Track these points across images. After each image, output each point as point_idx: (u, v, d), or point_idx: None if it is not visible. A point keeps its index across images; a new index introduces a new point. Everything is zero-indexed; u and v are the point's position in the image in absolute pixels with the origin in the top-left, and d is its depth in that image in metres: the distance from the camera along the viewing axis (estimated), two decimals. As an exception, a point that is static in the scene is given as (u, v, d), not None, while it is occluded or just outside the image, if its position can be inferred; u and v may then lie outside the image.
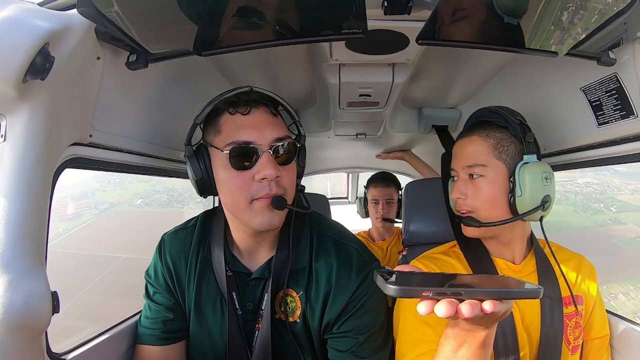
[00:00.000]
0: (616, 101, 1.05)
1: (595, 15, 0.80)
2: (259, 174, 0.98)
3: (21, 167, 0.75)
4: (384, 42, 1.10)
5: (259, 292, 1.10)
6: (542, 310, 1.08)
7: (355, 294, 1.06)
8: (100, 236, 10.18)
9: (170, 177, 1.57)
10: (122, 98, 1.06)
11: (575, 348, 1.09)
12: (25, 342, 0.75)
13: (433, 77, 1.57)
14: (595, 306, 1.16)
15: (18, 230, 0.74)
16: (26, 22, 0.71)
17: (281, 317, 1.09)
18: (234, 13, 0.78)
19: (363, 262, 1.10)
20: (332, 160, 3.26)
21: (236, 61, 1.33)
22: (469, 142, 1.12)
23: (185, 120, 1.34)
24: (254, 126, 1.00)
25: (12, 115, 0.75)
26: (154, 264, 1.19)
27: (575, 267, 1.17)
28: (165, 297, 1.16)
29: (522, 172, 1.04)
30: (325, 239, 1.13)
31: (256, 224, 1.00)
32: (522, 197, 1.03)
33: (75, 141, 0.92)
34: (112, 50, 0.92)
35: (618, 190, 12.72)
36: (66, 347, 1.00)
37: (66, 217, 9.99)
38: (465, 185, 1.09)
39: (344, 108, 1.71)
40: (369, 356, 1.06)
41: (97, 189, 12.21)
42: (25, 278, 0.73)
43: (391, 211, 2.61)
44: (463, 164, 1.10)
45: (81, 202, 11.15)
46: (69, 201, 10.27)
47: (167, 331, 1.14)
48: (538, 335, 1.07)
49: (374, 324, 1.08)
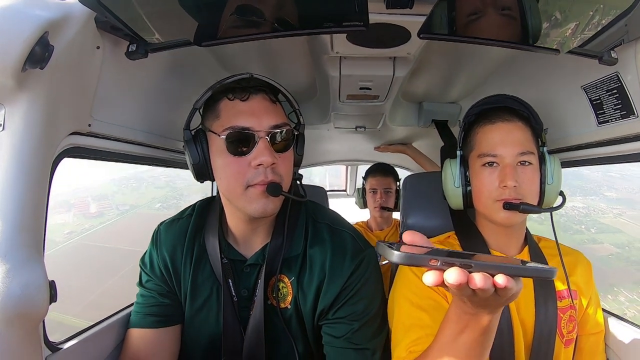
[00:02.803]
0: (617, 100, 1.05)
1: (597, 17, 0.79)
2: (255, 160, 0.98)
3: (20, 156, 0.75)
4: (385, 36, 1.10)
5: (254, 278, 1.11)
6: (537, 303, 1.09)
7: (349, 280, 1.06)
8: (126, 233, 10.56)
9: (169, 167, 1.57)
10: (121, 88, 1.05)
11: (568, 342, 1.10)
12: (23, 332, 0.75)
13: (434, 72, 1.56)
14: (591, 301, 1.16)
15: (16, 220, 0.74)
16: (25, 11, 0.70)
17: (273, 303, 1.09)
18: (234, 3, 0.78)
19: (357, 249, 1.10)
20: (331, 152, 3.25)
21: (236, 52, 1.33)
22: (515, 127, 1.08)
23: (185, 110, 1.33)
24: (252, 112, 1.00)
25: (11, 104, 0.74)
26: (149, 253, 1.19)
27: (571, 262, 1.18)
28: (159, 286, 1.16)
29: (553, 161, 1.09)
30: (320, 226, 1.13)
31: (251, 210, 1.00)
32: (552, 185, 1.07)
33: (74, 131, 0.92)
34: (112, 39, 0.91)
35: (602, 213, 12.96)
36: (63, 337, 1.01)
37: (90, 215, 10.32)
38: (516, 172, 1.05)
39: (344, 101, 1.70)
40: (363, 343, 1.06)
41: (116, 192, 12.67)
42: (23, 268, 0.73)
43: (389, 201, 2.63)
44: (516, 151, 1.06)
45: (102, 202, 11.62)
46: (90, 201, 10.60)
47: (158, 314, 1.14)
48: (532, 328, 1.07)
49: (369, 311, 1.08)
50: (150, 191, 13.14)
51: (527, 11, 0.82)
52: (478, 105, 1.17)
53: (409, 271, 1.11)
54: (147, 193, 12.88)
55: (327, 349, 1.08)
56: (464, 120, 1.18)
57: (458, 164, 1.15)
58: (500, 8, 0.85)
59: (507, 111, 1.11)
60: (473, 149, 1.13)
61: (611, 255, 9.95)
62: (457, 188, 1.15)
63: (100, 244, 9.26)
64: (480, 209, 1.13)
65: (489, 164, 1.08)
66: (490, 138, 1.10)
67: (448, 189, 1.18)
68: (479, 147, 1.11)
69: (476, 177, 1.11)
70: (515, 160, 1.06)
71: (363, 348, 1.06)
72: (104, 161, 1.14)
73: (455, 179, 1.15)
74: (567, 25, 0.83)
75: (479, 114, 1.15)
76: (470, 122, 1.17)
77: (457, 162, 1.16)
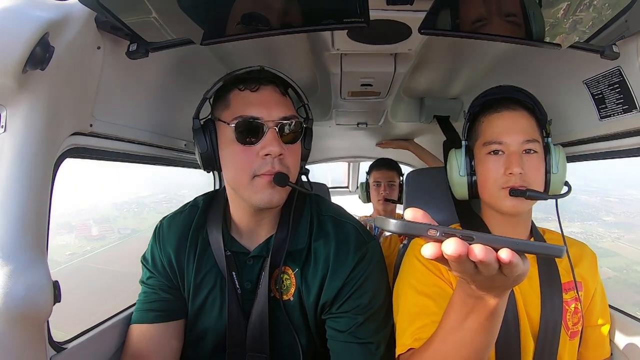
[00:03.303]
0: (619, 95, 1.05)
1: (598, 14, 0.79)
2: (263, 149, 0.99)
3: (22, 157, 0.75)
4: (386, 32, 1.09)
5: (257, 271, 1.11)
6: (542, 295, 1.09)
7: (353, 273, 1.06)
8: (127, 256, 10.79)
9: (170, 166, 1.57)
10: (122, 87, 1.05)
11: (574, 334, 1.10)
12: (28, 332, 0.76)
13: (435, 68, 1.56)
14: (596, 293, 1.16)
15: (19, 221, 0.74)
16: (26, 12, 0.71)
17: (275, 295, 1.09)
18: (235, 1, 0.77)
19: (361, 241, 1.10)
20: (333, 149, 3.25)
21: (237, 50, 1.32)
22: (520, 116, 1.09)
23: (186, 109, 1.33)
24: (262, 103, 1.01)
25: (12, 105, 0.74)
26: (150, 249, 1.19)
27: (576, 253, 1.17)
28: (161, 282, 1.16)
29: (558, 151, 1.09)
30: (325, 220, 1.14)
31: (256, 200, 1.01)
32: (557, 175, 1.08)
33: (76, 131, 0.92)
34: (113, 39, 0.91)
35: (600, 237, 12.95)
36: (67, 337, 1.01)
37: (92, 237, 10.48)
38: (521, 160, 1.05)
39: (346, 98, 1.70)
40: (367, 337, 1.05)
41: (118, 216, 12.90)
42: (26, 269, 0.74)
43: (392, 194, 2.62)
44: (521, 139, 1.06)
45: (104, 225, 11.75)
46: (92, 223, 10.76)
47: (160, 309, 1.14)
48: (538, 321, 1.07)
49: (373, 305, 1.07)
50: (152, 216, 13.28)
51: (528, 6, 0.82)
52: (483, 96, 1.18)
53: (414, 259, 1.11)
54: (149, 218, 13.02)
55: (331, 343, 1.08)
56: (469, 111, 1.18)
57: (463, 153, 1.15)
58: (501, 3, 0.84)
59: (512, 101, 1.12)
60: (478, 137, 1.14)
61: (609, 279, 9.99)
62: (462, 177, 1.15)
63: (102, 266, 9.31)
64: (485, 198, 1.13)
65: (495, 152, 1.08)
66: (495, 126, 1.10)
67: (453, 179, 1.17)
68: (484, 136, 1.11)
69: (482, 165, 1.11)
70: (521, 148, 1.06)
71: (367, 342, 1.05)
72: (106, 161, 1.14)
73: (461, 168, 1.15)
74: (568, 20, 0.82)
75: (484, 105, 1.16)
76: (475, 112, 1.17)
77: (462, 151, 1.16)
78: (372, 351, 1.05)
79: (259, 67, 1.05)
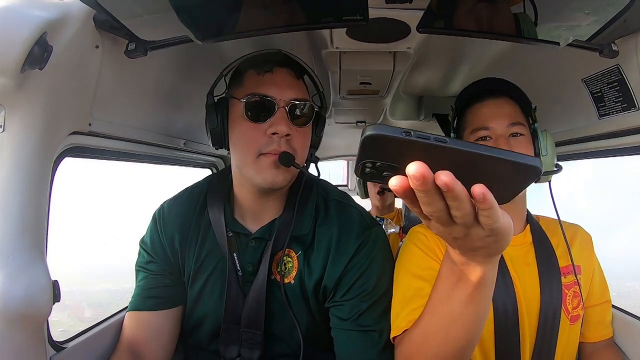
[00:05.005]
0: (618, 93, 1.04)
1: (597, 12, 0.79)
2: (270, 128, 0.99)
3: (20, 157, 0.75)
4: (385, 31, 1.09)
5: (259, 253, 1.10)
6: (541, 280, 1.09)
7: (355, 258, 1.05)
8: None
9: (169, 165, 1.57)
10: (121, 86, 1.05)
11: (574, 318, 1.11)
12: (28, 332, 0.76)
13: (434, 66, 1.56)
14: (594, 273, 1.17)
15: (18, 221, 0.74)
16: (23, 11, 0.70)
17: (276, 278, 1.08)
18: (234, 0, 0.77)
19: (364, 225, 1.10)
20: (332, 148, 3.25)
21: (236, 48, 1.32)
22: (503, 102, 1.12)
23: (185, 108, 1.32)
24: (275, 83, 1.02)
25: (10, 105, 0.74)
26: (149, 232, 1.17)
27: (570, 235, 1.18)
28: (161, 266, 1.15)
29: (546, 135, 1.11)
30: (330, 204, 1.14)
31: (259, 179, 1.01)
32: (546, 157, 1.09)
33: (75, 130, 0.91)
34: (111, 38, 0.91)
35: None
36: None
37: (84, 318, 10.41)
38: (509, 143, 1.07)
39: (344, 96, 1.70)
40: (370, 325, 1.03)
41: (111, 302, 13.01)
42: (26, 269, 0.74)
43: None
44: (507, 122, 1.08)
45: (98, 309, 11.79)
46: (85, 306, 10.76)
47: (159, 296, 1.13)
48: (538, 307, 1.08)
49: (377, 291, 1.06)
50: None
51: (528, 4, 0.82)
52: (468, 90, 1.20)
53: (411, 244, 1.12)
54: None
55: (334, 332, 1.07)
56: (456, 105, 1.21)
57: None
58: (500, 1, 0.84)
59: (496, 91, 1.14)
60: (466, 127, 1.16)
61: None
62: None
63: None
64: None
65: (483, 139, 1.11)
66: (480, 113, 1.13)
67: None
68: (471, 124, 1.13)
69: None
70: (507, 131, 1.08)
71: (370, 330, 1.03)
72: (105, 160, 1.14)
73: None
74: (567, 19, 0.82)
75: (469, 98, 1.18)
76: (461, 106, 1.20)
77: None
78: (375, 339, 1.03)
79: (276, 50, 1.07)
